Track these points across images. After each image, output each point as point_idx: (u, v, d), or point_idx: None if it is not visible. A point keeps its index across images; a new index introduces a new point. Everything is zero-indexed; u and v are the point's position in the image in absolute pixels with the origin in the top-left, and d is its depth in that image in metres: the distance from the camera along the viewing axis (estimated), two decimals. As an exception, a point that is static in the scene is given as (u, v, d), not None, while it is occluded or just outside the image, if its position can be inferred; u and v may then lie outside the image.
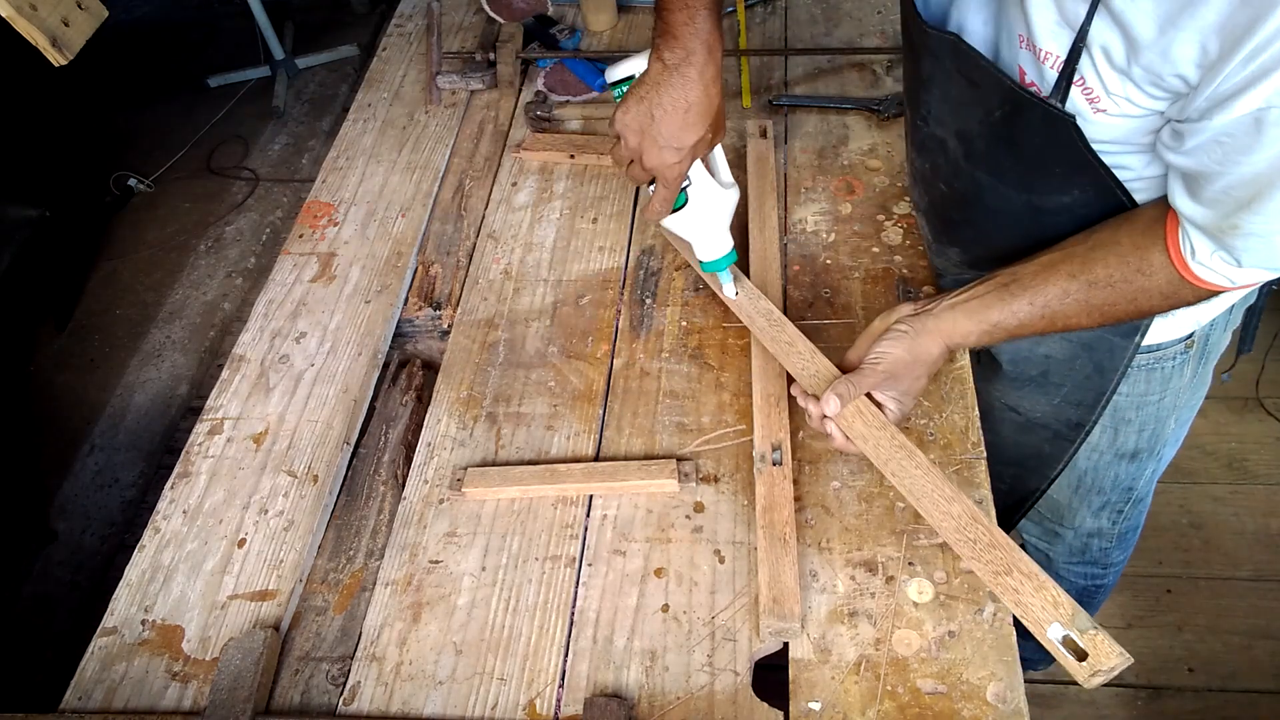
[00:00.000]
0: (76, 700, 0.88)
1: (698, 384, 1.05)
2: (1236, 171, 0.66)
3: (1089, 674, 0.73)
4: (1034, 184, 0.86)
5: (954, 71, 0.83)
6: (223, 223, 2.86)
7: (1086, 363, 0.99)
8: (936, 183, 0.98)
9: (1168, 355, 1.00)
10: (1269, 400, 2.09)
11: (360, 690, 0.86)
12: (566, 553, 0.93)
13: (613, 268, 1.19)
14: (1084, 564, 1.34)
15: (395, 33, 1.63)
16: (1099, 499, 1.20)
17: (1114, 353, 0.96)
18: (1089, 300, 0.81)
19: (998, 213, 0.91)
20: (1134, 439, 1.10)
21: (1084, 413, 1.04)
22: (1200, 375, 1.06)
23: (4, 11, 1.39)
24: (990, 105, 0.81)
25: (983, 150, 0.87)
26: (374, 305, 1.19)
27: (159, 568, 0.97)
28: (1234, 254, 0.72)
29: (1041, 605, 0.77)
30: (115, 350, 2.54)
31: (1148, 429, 1.09)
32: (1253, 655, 1.72)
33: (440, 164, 1.36)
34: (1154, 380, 1.02)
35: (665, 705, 0.82)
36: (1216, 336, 1.01)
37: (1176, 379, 1.02)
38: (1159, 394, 1.04)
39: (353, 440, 1.07)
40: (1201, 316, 0.97)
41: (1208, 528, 1.90)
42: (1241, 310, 1.03)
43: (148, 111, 3.23)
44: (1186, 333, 0.98)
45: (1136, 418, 1.07)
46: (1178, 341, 0.98)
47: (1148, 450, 1.12)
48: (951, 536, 0.82)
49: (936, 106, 0.90)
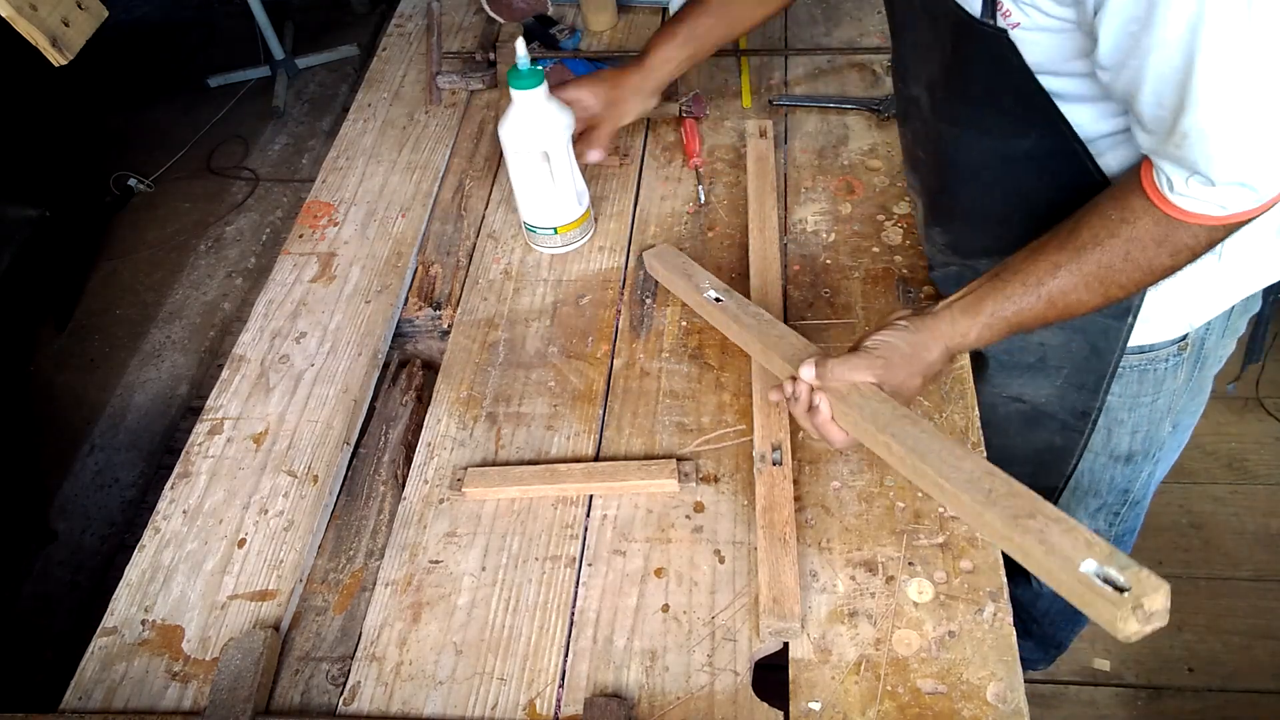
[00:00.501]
0: (76, 700, 0.88)
1: (698, 384, 1.05)
2: (1150, 65, 0.65)
3: (1131, 608, 0.62)
4: (991, 126, 0.86)
5: (920, 11, 0.86)
6: (223, 223, 2.86)
7: (1082, 344, 0.98)
8: (916, 150, 1.00)
9: (1160, 357, 0.99)
10: (1269, 400, 2.09)
11: (360, 690, 0.86)
12: (566, 553, 0.93)
13: (613, 268, 1.19)
14: None
15: (395, 33, 1.63)
16: (1095, 501, 1.20)
17: (1108, 334, 0.95)
18: (1082, 269, 0.78)
19: (967, 169, 0.91)
20: (1127, 440, 1.10)
21: (1087, 398, 1.03)
22: (1198, 380, 1.06)
23: (4, 11, 1.39)
24: (944, 43, 0.83)
25: (944, 98, 0.88)
26: (374, 305, 1.19)
27: (159, 568, 0.97)
28: (1198, 169, 0.69)
29: (1072, 545, 0.66)
30: (115, 350, 2.54)
31: (1141, 431, 1.08)
32: (1253, 655, 1.72)
33: (440, 164, 1.36)
34: (1146, 381, 1.02)
35: (665, 705, 0.82)
36: (1213, 341, 1.01)
37: (1170, 381, 1.02)
38: (1152, 396, 1.04)
39: (353, 440, 1.07)
40: (1194, 318, 0.96)
41: (1208, 528, 1.90)
42: (1245, 318, 1.02)
43: (148, 111, 3.24)
44: (1180, 334, 0.97)
45: (1129, 419, 1.07)
46: (1171, 343, 0.98)
47: (1142, 453, 1.12)
48: (961, 489, 0.73)
49: (909, 58, 0.92)
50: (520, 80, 1.08)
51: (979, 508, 0.71)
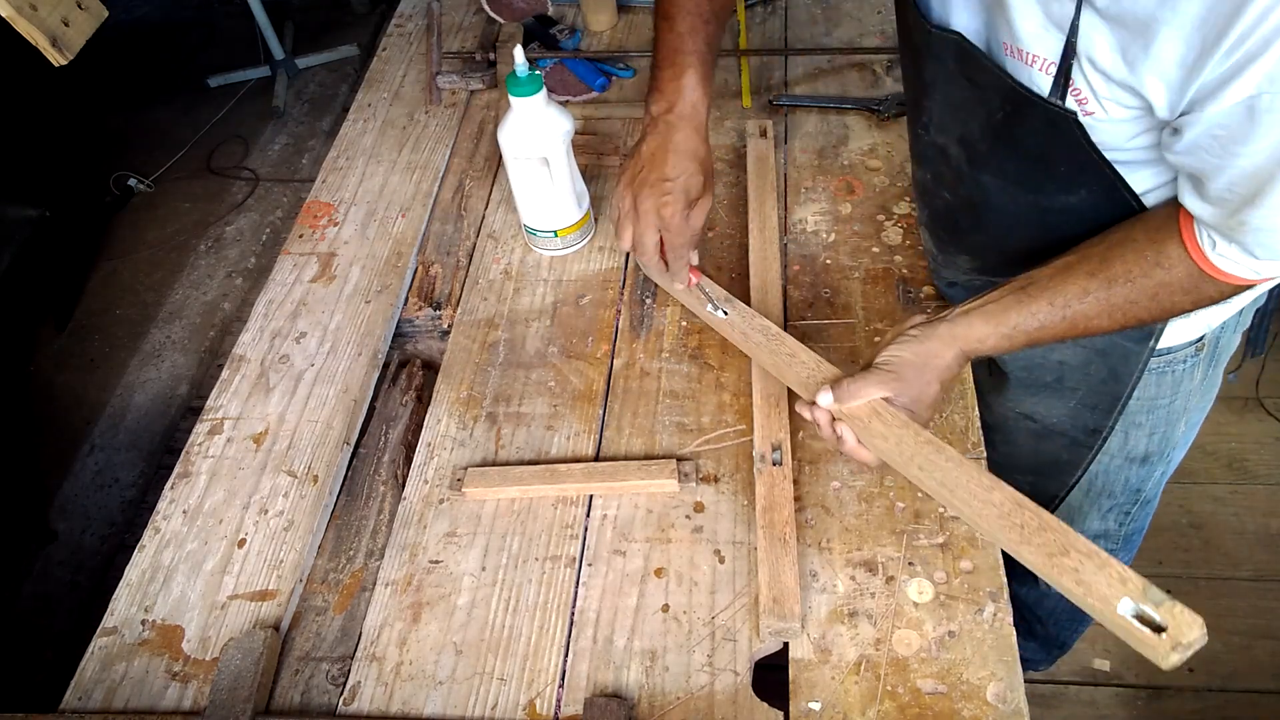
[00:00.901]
0: (76, 700, 0.88)
1: (698, 384, 1.05)
2: (1236, 165, 0.65)
3: (1170, 648, 0.64)
4: (1040, 185, 0.85)
5: (955, 74, 0.83)
6: (223, 223, 2.86)
7: (1101, 368, 0.98)
8: (940, 192, 0.97)
9: (1179, 359, 0.99)
10: (1269, 400, 2.09)
11: (360, 690, 0.86)
12: (566, 553, 0.93)
13: (613, 268, 1.19)
14: None
15: (395, 33, 1.63)
16: (1108, 502, 1.20)
17: (1128, 359, 0.96)
18: (1109, 299, 0.79)
19: (1005, 213, 0.91)
20: (1145, 443, 1.10)
21: (1100, 418, 1.04)
22: (1210, 378, 1.06)
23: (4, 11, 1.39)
24: (992, 107, 0.81)
25: (985, 153, 0.87)
26: (374, 305, 1.19)
27: (159, 568, 0.97)
28: (1246, 249, 0.71)
29: (1107, 582, 0.69)
30: (115, 350, 2.54)
31: (1158, 432, 1.08)
32: (1253, 655, 1.72)
33: (440, 164, 1.36)
34: (1165, 384, 1.02)
35: (665, 705, 0.82)
36: (1227, 339, 1.01)
37: (1187, 382, 1.02)
38: (1169, 397, 1.04)
39: (353, 440, 1.07)
40: (1213, 319, 0.96)
41: (1208, 528, 1.91)
42: (1251, 312, 1.03)
43: (148, 111, 3.23)
44: (1198, 335, 0.97)
45: (1147, 421, 1.06)
46: (1189, 345, 0.98)
47: (1158, 453, 1.12)
48: (995, 525, 0.75)
49: (938, 112, 0.89)
50: (519, 87, 1.07)
51: (1015, 546, 0.74)
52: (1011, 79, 0.78)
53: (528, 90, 1.07)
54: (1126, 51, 0.68)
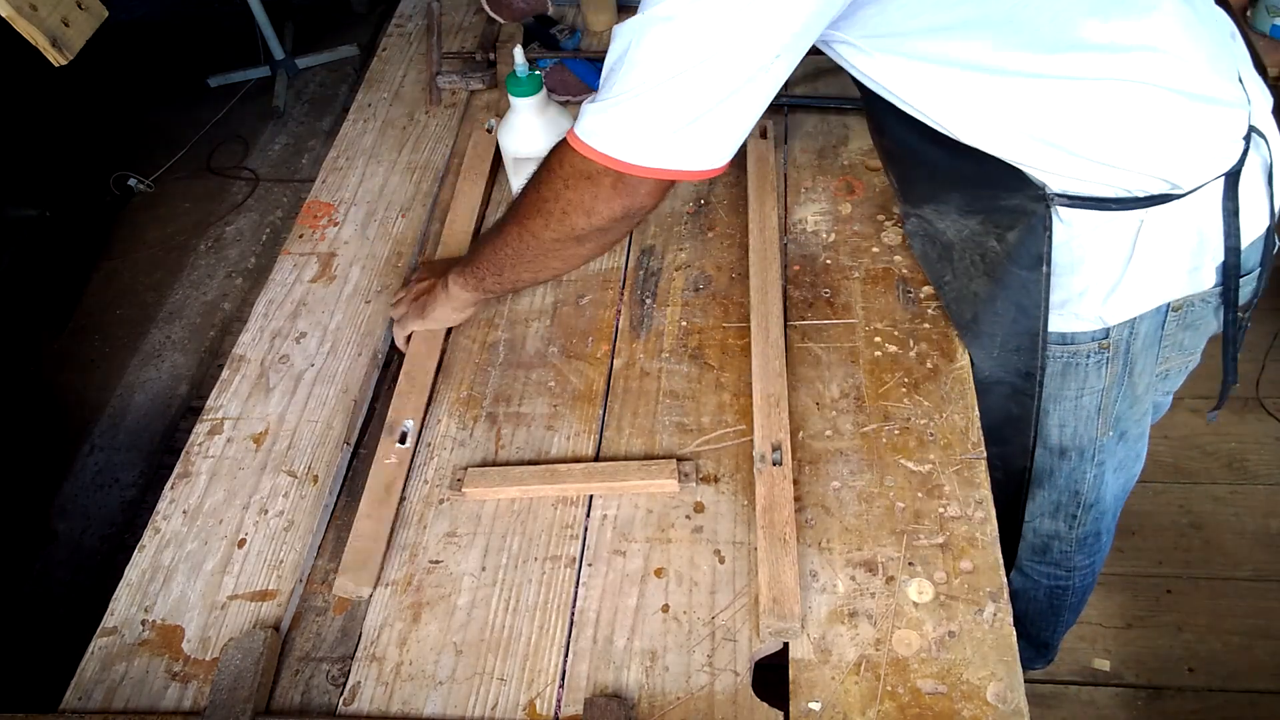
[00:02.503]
0: (76, 700, 0.88)
1: (698, 384, 1.05)
2: None
3: None
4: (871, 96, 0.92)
5: None
6: (223, 223, 2.86)
7: (1008, 305, 0.98)
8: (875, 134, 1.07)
9: (1082, 351, 1.00)
10: (1269, 400, 2.09)
11: (360, 690, 0.86)
12: (566, 553, 0.93)
13: (613, 268, 1.19)
14: (1045, 564, 1.34)
15: (395, 33, 1.63)
16: (1050, 496, 1.20)
17: (1027, 288, 0.95)
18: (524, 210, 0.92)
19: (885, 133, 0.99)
20: (1056, 433, 1.10)
21: (1026, 359, 1.02)
22: (1131, 387, 1.04)
23: (4, 11, 1.39)
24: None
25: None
26: (374, 305, 1.19)
27: (159, 568, 0.97)
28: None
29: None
30: (115, 350, 2.54)
31: (1068, 426, 1.08)
32: (1253, 655, 1.72)
33: (440, 164, 1.36)
34: (1070, 376, 1.02)
35: (665, 705, 0.82)
36: (1140, 347, 1.00)
37: (1094, 379, 1.02)
38: (1076, 392, 1.04)
39: (353, 440, 1.07)
40: (1108, 314, 0.96)
41: (1208, 528, 1.90)
42: (1191, 335, 1.01)
43: (148, 111, 3.24)
44: (1097, 328, 0.98)
45: (1055, 410, 1.07)
46: (1091, 339, 0.99)
47: (1076, 450, 1.11)
48: None
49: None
50: (520, 87, 1.08)
51: None
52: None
53: (528, 90, 1.07)
54: None
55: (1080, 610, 1.50)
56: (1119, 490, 1.23)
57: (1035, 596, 1.41)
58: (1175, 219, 0.90)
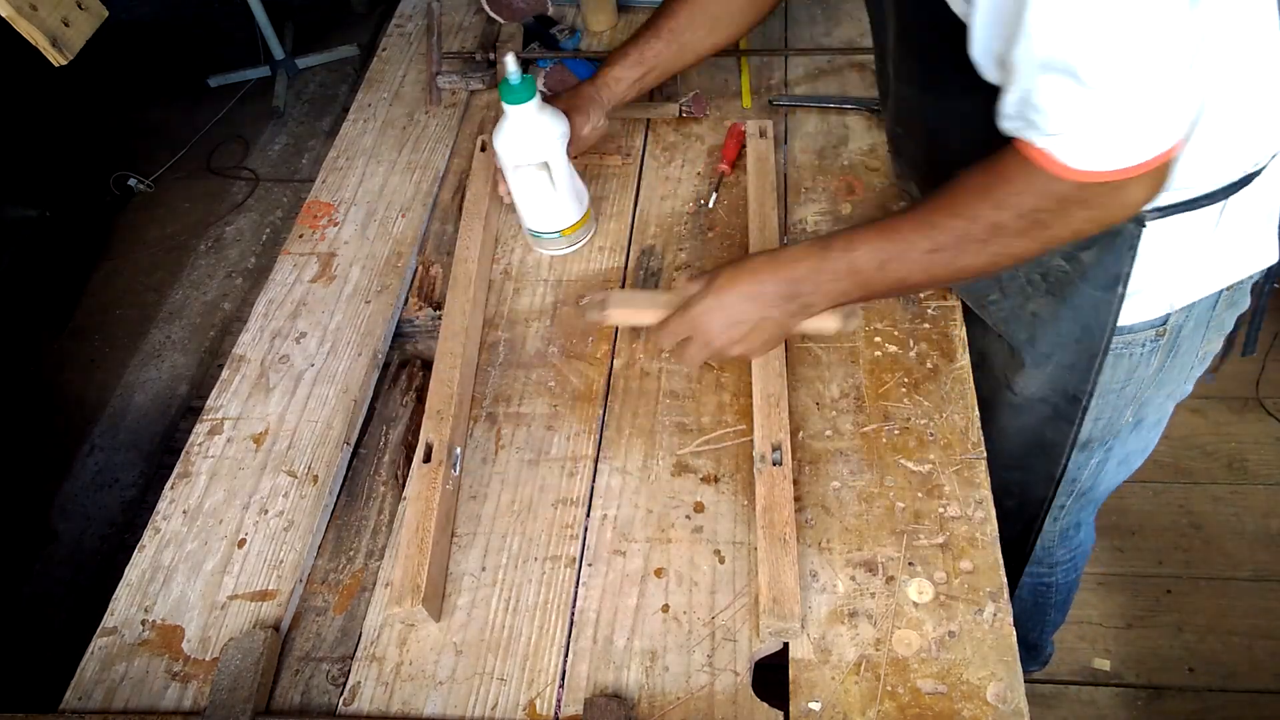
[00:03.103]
0: (76, 700, 0.88)
1: (698, 384, 1.05)
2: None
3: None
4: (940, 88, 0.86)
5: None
6: (223, 223, 2.86)
7: (1073, 325, 0.95)
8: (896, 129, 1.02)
9: (1138, 341, 0.98)
10: (1269, 400, 2.09)
11: (360, 690, 0.86)
12: (566, 553, 0.93)
13: (613, 268, 1.19)
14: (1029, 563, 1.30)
15: (395, 33, 1.62)
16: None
17: (1098, 309, 0.92)
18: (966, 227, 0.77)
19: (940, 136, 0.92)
20: (1089, 427, 1.07)
21: (1079, 380, 1.00)
22: (1167, 370, 1.03)
23: (4, 11, 1.39)
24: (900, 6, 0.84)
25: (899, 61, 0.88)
26: (374, 305, 1.19)
27: (159, 568, 0.97)
28: (1038, 126, 0.69)
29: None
30: (115, 350, 2.54)
31: (1103, 418, 1.06)
32: (1253, 655, 1.72)
33: (440, 164, 1.36)
34: (1120, 367, 1.00)
35: (665, 705, 0.82)
36: (1189, 330, 0.98)
37: (1142, 369, 1.00)
38: (1122, 382, 1.02)
39: (353, 440, 1.07)
40: (1176, 298, 0.94)
41: (1208, 528, 1.91)
42: (1231, 313, 1.00)
43: (148, 111, 3.24)
44: (1161, 314, 0.95)
45: (1095, 405, 1.04)
46: (1150, 327, 0.96)
47: (1099, 441, 1.10)
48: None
49: (877, 29, 0.94)
50: (513, 94, 1.05)
51: None
52: None
53: (522, 97, 1.05)
54: None
55: (1067, 609, 1.49)
56: (1113, 483, 1.21)
57: (1020, 596, 1.38)
58: (1254, 199, 0.87)
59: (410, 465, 1.02)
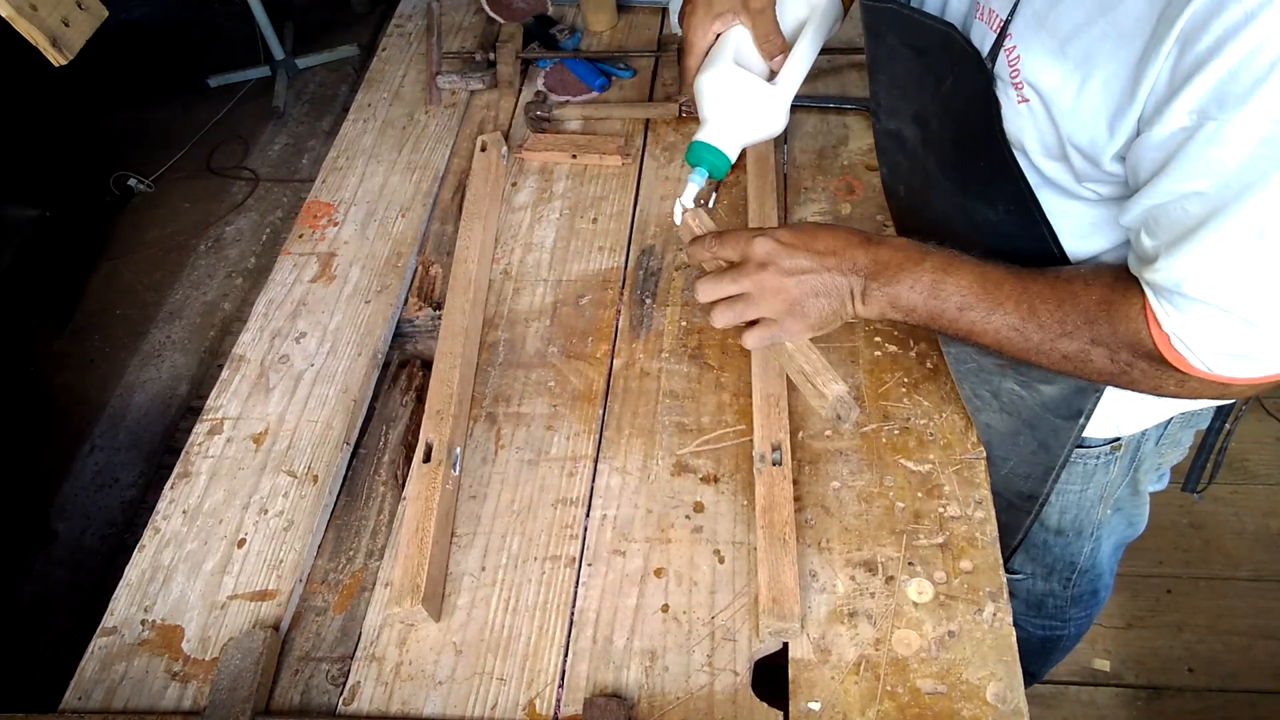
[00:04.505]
0: (76, 700, 0.88)
1: (698, 384, 1.05)
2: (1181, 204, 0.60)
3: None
4: (967, 181, 0.80)
5: (898, 46, 0.78)
6: (223, 223, 2.86)
7: (1030, 440, 0.93)
8: (897, 187, 0.95)
9: (1092, 454, 0.96)
10: (1269, 400, 2.09)
11: (360, 690, 0.86)
12: (566, 553, 0.93)
13: (612, 268, 1.19)
14: (1040, 618, 1.30)
15: (395, 33, 1.63)
16: (1042, 566, 1.17)
17: (1058, 433, 0.91)
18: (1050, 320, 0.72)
19: (942, 216, 0.85)
20: (1056, 517, 1.07)
21: (1034, 485, 0.99)
22: (1133, 481, 1.03)
23: (4, 11, 1.39)
24: (940, 72, 0.75)
25: (936, 131, 0.80)
26: (374, 305, 1.19)
27: (159, 568, 0.97)
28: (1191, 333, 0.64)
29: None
30: (115, 350, 2.54)
31: (1070, 513, 1.06)
32: (1253, 655, 1.72)
33: (440, 164, 1.36)
34: (1075, 472, 0.98)
35: (665, 705, 0.82)
36: (1150, 448, 0.98)
37: (1101, 475, 1.00)
38: (1080, 485, 1.01)
39: (353, 440, 1.07)
40: (1125, 424, 0.93)
41: (1208, 528, 1.90)
42: (1190, 430, 0.99)
43: (148, 111, 3.23)
44: (1112, 435, 0.94)
45: (1057, 501, 1.03)
46: (1104, 442, 0.95)
47: (1074, 530, 1.09)
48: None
49: (885, 95, 0.85)
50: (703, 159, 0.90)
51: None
52: (943, 25, 0.71)
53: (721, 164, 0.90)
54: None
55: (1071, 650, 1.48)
56: (1114, 553, 1.21)
57: (1028, 643, 1.35)
58: None
59: (410, 465, 1.02)
